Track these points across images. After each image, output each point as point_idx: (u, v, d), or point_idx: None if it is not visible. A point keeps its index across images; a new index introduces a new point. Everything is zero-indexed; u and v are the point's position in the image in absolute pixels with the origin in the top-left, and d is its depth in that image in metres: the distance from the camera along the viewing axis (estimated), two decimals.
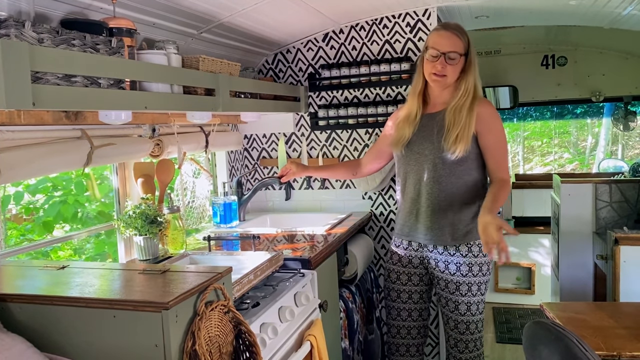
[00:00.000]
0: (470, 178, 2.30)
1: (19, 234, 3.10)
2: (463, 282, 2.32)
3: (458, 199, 2.30)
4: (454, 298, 2.34)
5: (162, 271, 1.64)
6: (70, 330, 1.46)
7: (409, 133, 2.35)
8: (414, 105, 2.37)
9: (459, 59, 2.23)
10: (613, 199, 3.79)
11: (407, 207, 2.42)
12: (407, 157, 2.38)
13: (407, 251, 2.47)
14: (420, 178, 2.34)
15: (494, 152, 2.29)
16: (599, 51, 4.87)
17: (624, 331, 2.06)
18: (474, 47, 2.30)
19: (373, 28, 3.33)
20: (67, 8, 1.84)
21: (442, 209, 2.31)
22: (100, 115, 1.94)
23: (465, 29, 2.30)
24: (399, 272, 2.49)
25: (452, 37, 2.24)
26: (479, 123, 2.25)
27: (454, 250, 2.33)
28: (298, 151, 3.56)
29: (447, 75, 2.24)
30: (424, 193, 2.33)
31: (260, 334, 1.84)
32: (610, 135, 8.17)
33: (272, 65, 3.57)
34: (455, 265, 2.33)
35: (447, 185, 2.29)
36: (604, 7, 3.12)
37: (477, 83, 2.28)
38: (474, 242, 2.32)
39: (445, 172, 2.28)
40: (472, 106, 2.25)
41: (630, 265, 2.93)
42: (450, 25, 2.29)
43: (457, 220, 2.31)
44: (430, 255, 2.40)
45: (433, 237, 2.34)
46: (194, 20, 2.49)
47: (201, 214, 2.95)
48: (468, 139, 2.22)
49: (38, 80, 1.42)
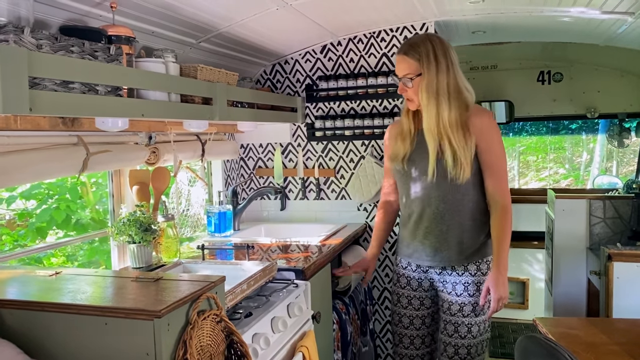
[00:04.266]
0: (475, 192, 2.20)
1: (12, 239, 3.08)
2: (468, 303, 2.21)
3: (465, 216, 2.20)
4: (460, 320, 2.22)
5: (155, 279, 1.63)
6: (62, 337, 1.45)
7: (407, 148, 2.24)
8: (406, 122, 2.27)
9: (413, 81, 2.14)
10: (607, 215, 3.80)
11: (411, 227, 2.30)
12: (408, 176, 2.26)
13: (415, 273, 2.34)
14: (422, 197, 2.23)
15: (493, 169, 2.18)
16: (595, 68, 4.91)
17: (616, 347, 2.06)
18: (440, 57, 2.11)
19: (371, 41, 3.36)
20: (67, 15, 1.85)
21: (449, 228, 2.20)
22: (97, 122, 1.94)
23: (454, 43, 2.15)
24: (410, 297, 2.35)
25: (401, 61, 2.16)
26: (476, 136, 2.13)
27: (463, 270, 2.23)
28: (294, 161, 3.56)
29: (413, 99, 2.18)
30: (428, 213, 2.22)
31: (253, 344, 1.83)
32: (605, 151, 8.21)
33: (270, 75, 3.59)
34: (463, 286, 2.22)
35: (452, 203, 2.18)
36: (599, 25, 3.16)
37: (438, 97, 2.10)
38: (483, 259, 2.23)
39: (451, 189, 2.17)
40: (465, 122, 2.12)
41: (624, 282, 2.94)
42: (402, 47, 2.18)
43: (466, 238, 2.21)
44: (438, 277, 2.29)
45: (442, 258, 2.23)
46: (192, 29, 2.50)
47: (196, 223, 2.95)
48: (469, 162, 2.11)
49: (36, 86, 1.42)
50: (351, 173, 3.45)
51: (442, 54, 2.12)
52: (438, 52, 2.12)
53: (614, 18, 2.87)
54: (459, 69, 2.18)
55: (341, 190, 3.50)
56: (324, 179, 3.53)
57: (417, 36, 2.24)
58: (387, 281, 3.44)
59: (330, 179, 3.51)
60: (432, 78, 2.11)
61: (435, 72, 2.11)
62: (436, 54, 2.12)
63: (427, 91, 2.12)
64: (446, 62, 2.12)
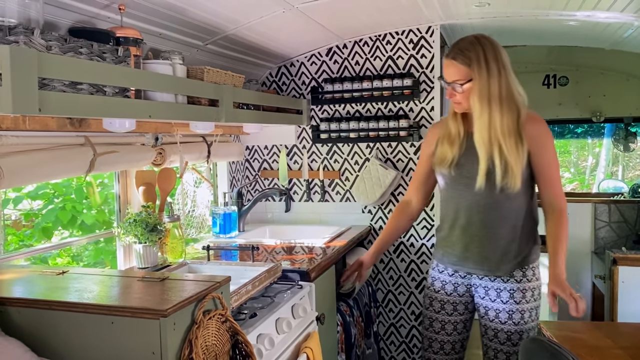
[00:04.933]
0: (524, 199, 2.13)
1: (18, 239, 3.10)
2: (516, 310, 2.12)
3: (514, 224, 2.12)
4: (506, 328, 2.14)
5: (160, 279, 1.64)
6: (68, 336, 1.46)
7: (455, 153, 2.14)
8: (453, 125, 2.17)
9: (464, 87, 2.05)
10: (612, 219, 3.80)
11: (456, 235, 2.19)
12: (456, 181, 2.16)
13: (452, 278, 2.25)
14: (471, 204, 2.13)
15: (547, 175, 2.10)
16: (600, 72, 4.91)
17: (620, 351, 2.05)
18: (491, 61, 2.03)
19: (376, 44, 3.37)
20: (76, 17, 1.87)
21: (499, 236, 2.11)
22: (105, 123, 1.96)
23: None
24: (444, 302, 2.27)
25: (450, 67, 2.07)
26: (530, 144, 2.05)
27: (508, 277, 2.14)
28: (299, 163, 3.57)
29: (461, 102, 2.09)
30: (477, 221, 2.13)
31: (257, 344, 1.84)
32: (611, 155, 8.18)
33: (276, 77, 3.60)
34: (509, 292, 2.13)
35: (502, 211, 2.10)
36: (605, 29, 3.16)
37: (490, 103, 2.02)
38: (529, 266, 2.15)
39: (500, 197, 2.07)
40: (518, 129, 2.04)
41: (629, 286, 2.93)
42: (451, 52, 2.09)
43: (514, 246, 2.12)
44: (479, 283, 2.19)
45: (489, 267, 2.14)
46: (199, 32, 2.52)
47: (201, 224, 2.96)
48: (520, 171, 2.04)
49: (45, 87, 1.43)
50: (356, 175, 3.46)
51: (492, 57, 2.03)
52: (489, 56, 2.03)
53: (620, 22, 2.87)
54: (511, 70, 2.08)
55: (346, 192, 3.50)
56: (328, 181, 3.54)
57: (466, 39, 2.10)
58: (392, 284, 3.44)
59: (335, 181, 3.52)
60: (484, 84, 2.02)
61: (487, 77, 2.02)
62: (487, 58, 2.03)
63: (479, 98, 2.03)
64: (497, 66, 2.03)
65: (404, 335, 3.48)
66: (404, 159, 3.37)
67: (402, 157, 3.37)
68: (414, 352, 3.47)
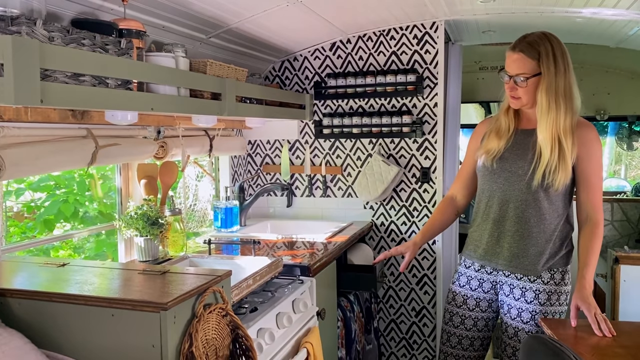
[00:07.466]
0: (563, 202, 2.11)
1: (20, 231, 3.10)
2: (539, 312, 2.10)
3: (550, 225, 2.09)
4: (527, 328, 2.11)
5: (161, 272, 1.64)
6: (68, 328, 1.46)
7: (501, 146, 2.13)
8: (504, 120, 2.16)
9: (529, 80, 2.01)
10: (615, 218, 3.78)
11: (488, 228, 2.17)
12: (497, 174, 2.14)
13: (478, 273, 2.23)
14: (508, 199, 2.11)
15: (589, 183, 2.07)
16: (605, 70, 4.88)
17: (621, 350, 2.04)
18: (559, 58, 2.01)
19: (380, 39, 3.35)
20: (78, 8, 1.86)
21: (532, 235, 2.09)
22: (107, 115, 1.96)
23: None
24: (467, 296, 2.25)
25: (517, 60, 2.03)
26: (579, 147, 2.04)
27: (535, 277, 2.11)
28: (301, 158, 3.57)
29: (521, 97, 2.06)
30: (512, 216, 2.11)
31: (257, 339, 1.84)
32: (614, 154, 8.16)
33: (279, 72, 3.59)
34: (534, 293, 2.10)
35: (539, 209, 2.07)
36: (611, 27, 3.14)
37: (556, 100, 2.00)
38: (558, 269, 2.12)
39: (540, 195, 2.06)
40: (573, 130, 2.03)
41: (630, 285, 2.93)
42: (518, 45, 2.05)
43: (547, 247, 2.10)
44: (505, 280, 2.16)
45: (518, 264, 2.11)
46: (203, 24, 2.51)
47: (202, 218, 2.96)
48: (569, 170, 2.03)
49: (47, 78, 1.43)
50: (358, 171, 3.45)
51: (560, 54, 2.01)
52: (557, 53, 2.01)
53: (626, 19, 2.85)
54: (573, 72, 2.07)
55: (348, 188, 3.50)
56: (330, 177, 3.53)
57: (535, 34, 2.07)
58: (392, 280, 3.44)
59: (337, 176, 3.52)
60: (552, 80, 2.00)
61: (554, 73, 1.99)
62: (555, 55, 2.00)
63: (546, 93, 2.00)
64: (564, 64, 2.01)
65: (404, 331, 3.48)
66: (406, 155, 3.36)
67: (405, 154, 3.36)
68: (414, 349, 3.47)
